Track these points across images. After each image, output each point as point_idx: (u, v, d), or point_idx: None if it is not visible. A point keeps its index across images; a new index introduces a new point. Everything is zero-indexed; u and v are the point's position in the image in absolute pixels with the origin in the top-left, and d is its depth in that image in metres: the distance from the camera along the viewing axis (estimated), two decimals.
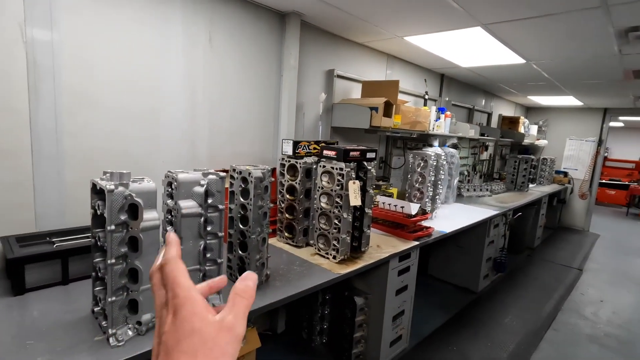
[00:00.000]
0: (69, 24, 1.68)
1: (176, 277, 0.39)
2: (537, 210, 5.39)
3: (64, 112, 1.72)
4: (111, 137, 1.90)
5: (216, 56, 2.30)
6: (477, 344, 2.98)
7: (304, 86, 2.88)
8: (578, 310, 3.71)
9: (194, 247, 1.33)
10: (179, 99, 2.16)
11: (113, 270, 1.11)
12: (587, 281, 4.53)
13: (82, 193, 1.79)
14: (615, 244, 6.43)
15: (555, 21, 2.38)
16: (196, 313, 0.37)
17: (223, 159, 2.43)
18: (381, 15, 2.52)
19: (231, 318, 0.39)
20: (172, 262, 0.41)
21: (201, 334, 0.36)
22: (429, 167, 3.15)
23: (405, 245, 2.44)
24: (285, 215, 2.25)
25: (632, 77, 3.86)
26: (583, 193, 7.08)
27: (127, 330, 1.16)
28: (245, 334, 1.41)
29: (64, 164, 1.75)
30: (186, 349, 0.36)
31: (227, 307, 0.40)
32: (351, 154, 2.01)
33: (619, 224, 8.41)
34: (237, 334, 0.39)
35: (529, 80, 4.51)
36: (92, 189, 1.18)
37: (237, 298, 0.41)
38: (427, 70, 4.28)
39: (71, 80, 1.72)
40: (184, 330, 0.36)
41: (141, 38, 1.94)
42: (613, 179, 10.42)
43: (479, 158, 5.81)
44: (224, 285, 0.48)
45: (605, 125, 6.79)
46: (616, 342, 3.16)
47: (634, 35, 2.52)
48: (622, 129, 11.15)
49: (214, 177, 1.34)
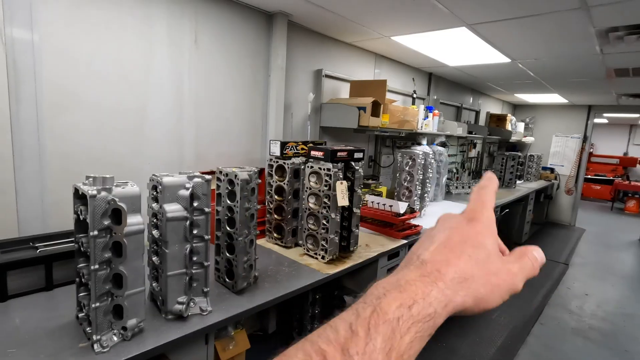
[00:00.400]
0: (49, 24, 1.65)
1: (486, 202, 0.42)
2: (524, 206, 5.48)
3: (46, 112, 1.69)
4: (95, 138, 1.87)
5: (202, 56, 2.28)
6: (466, 339, 3.02)
7: (292, 86, 2.88)
8: (564, 305, 3.79)
9: (179, 251, 1.32)
10: (165, 99, 2.14)
11: (97, 276, 1.10)
12: (573, 275, 4.63)
13: (65, 195, 1.76)
14: (600, 238, 6.58)
15: (538, 22, 2.42)
16: (489, 235, 0.39)
17: (210, 159, 2.42)
18: (368, 15, 2.53)
19: (516, 268, 0.38)
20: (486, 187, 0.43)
21: (488, 254, 0.37)
22: (417, 166, 3.17)
23: (394, 243, 2.46)
24: (273, 216, 2.25)
25: (614, 76, 3.94)
26: (569, 189, 7.22)
27: (112, 336, 1.15)
28: (234, 336, 1.38)
29: (47, 165, 1.72)
30: (470, 254, 0.36)
31: (514, 257, 0.39)
32: (338, 154, 2.01)
33: (604, 218, 8.60)
34: (514, 283, 0.37)
35: (515, 78, 4.58)
36: (75, 194, 1.17)
37: (527, 261, 0.39)
38: (415, 69, 4.30)
39: (53, 80, 1.69)
40: (477, 240, 0.38)
41: (125, 38, 1.91)
42: (598, 175, 10.64)
43: (467, 156, 5.87)
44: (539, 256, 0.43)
45: (590, 121, 6.93)
46: (599, 334, 3.24)
47: (614, 36, 2.58)
48: (606, 126, 11.39)
49: (199, 180, 1.34)
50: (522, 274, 0.38)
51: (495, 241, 0.39)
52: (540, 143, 7.42)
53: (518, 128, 6.74)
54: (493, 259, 0.37)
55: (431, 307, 0.32)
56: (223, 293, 1.60)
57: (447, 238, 0.38)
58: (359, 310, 0.33)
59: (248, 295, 1.59)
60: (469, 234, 0.38)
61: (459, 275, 0.34)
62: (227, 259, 1.62)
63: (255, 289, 1.66)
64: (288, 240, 2.23)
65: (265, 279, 1.77)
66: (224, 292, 1.61)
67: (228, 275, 1.63)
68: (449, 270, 0.34)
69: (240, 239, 1.56)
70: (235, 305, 1.49)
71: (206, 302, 1.41)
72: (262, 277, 1.79)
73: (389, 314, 0.31)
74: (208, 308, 1.40)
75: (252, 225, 1.64)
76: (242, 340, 1.86)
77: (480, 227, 0.39)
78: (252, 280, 1.68)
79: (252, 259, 1.67)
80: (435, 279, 0.34)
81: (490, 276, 0.36)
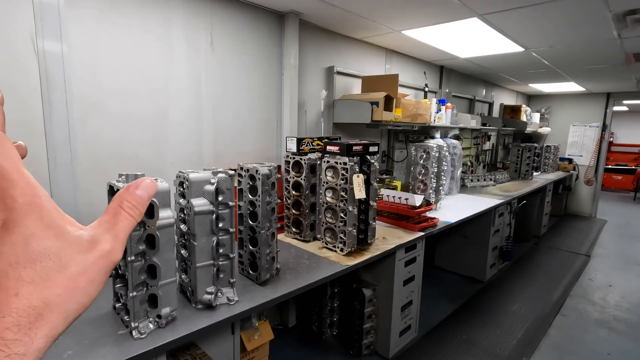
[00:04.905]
0: (77, 35, 1.74)
1: (7, 171, 0.25)
2: (542, 198, 5.40)
3: (76, 120, 1.78)
4: (120, 143, 1.96)
5: (218, 58, 2.35)
6: (486, 331, 3.02)
7: (304, 84, 2.93)
8: (586, 296, 3.73)
9: (207, 244, 1.39)
10: (184, 102, 2.22)
11: (133, 267, 1.17)
12: (595, 267, 4.54)
13: (95, 198, 1.86)
14: (623, 229, 6.41)
15: (551, 8, 2.40)
16: (49, 226, 0.26)
17: (228, 158, 2.50)
18: (378, 10, 2.56)
19: (109, 240, 0.29)
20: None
21: (58, 257, 0.26)
22: (432, 159, 3.18)
23: (411, 236, 2.48)
24: (292, 211, 2.31)
25: (633, 61, 3.85)
26: (589, 179, 7.06)
27: (148, 324, 1.22)
28: (258, 327, 1.44)
29: (78, 170, 1.82)
30: (31, 277, 0.25)
31: (104, 221, 0.30)
32: (354, 148, 2.05)
33: (626, 209, 8.36)
34: (113, 261, 0.29)
35: (529, 68, 4.51)
36: (109, 191, 1.24)
37: (121, 213, 0.30)
38: (426, 62, 4.30)
39: (81, 89, 1.79)
40: (29, 252, 0.25)
41: (145, 44, 2.00)
42: (619, 164, 10.34)
43: (481, 148, 5.82)
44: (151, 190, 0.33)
45: (609, 110, 6.76)
46: (625, 325, 3.19)
47: (632, 19, 2.54)
48: (627, 113, 11.04)
49: (223, 176, 1.40)
50: (121, 238, 0.30)
51: (60, 227, 0.27)
52: (557, 133, 7.27)
53: (533, 119, 6.63)
54: (68, 256, 0.27)
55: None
56: (247, 285, 1.66)
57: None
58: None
59: (271, 287, 1.65)
60: (13, 249, 0.25)
61: (26, 319, 0.24)
62: (250, 252, 1.68)
63: (278, 280, 1.72)
64: (307, 235, 2.29)
65: (286, 271, 1.83)
66: (248, 283, 1.68)
67: (252, 267, 1.69)
68: (4, 322, 0.24)
69: (263, 231, 1.62)
70: (260, 295, 1.56)
71: (233, 292, 1.47)
72: (284, 269, 1.84)
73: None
74: (235, 298, 1.46)
75: (273, 219, 1.70)
76: (266, 331, 1.92)
77: (24, 227, 0.25)
78: (274, 272, 1.74)
79: (274, 251, 1.73)
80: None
81: (76, 281, 0.27)
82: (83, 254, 0.27)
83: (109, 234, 0.29)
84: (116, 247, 0.29)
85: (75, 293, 0.27)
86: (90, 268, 0.27)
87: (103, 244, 0.28)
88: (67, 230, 0.27)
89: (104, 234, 0.29)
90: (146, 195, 0.31)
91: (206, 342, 1.48)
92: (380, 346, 2.57)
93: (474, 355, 2.69)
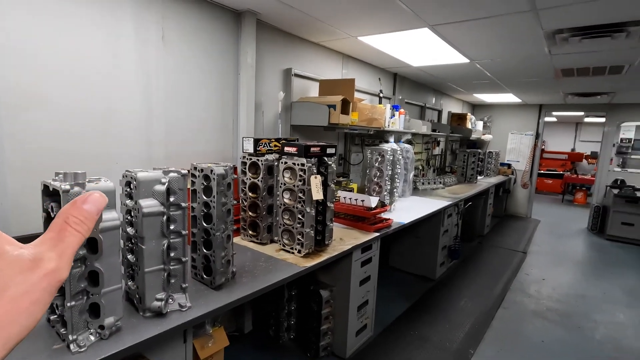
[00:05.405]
0: (7, 18, 1.57)
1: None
2: (485, 200, 5.79)
3: (3, 113, 1.60)
4: (58, 138, 1.79)
5: (170, 54, 2.24)
6: (437, 327, 3.16)
7: (262, 85, 2.89)
8: (523, 290, 4.05)
9: (157, 247, 1.30)
10: (132, 97, 2.08)
11: (71, 274, 1.07)
12: (530, 263, 4.95)
13: (27, 199, 1.68)
14: (553, 228, 7.08)
15: (492, 23, 2.60)
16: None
17: (181, 159, 2.38)
18: (335, 15, 2.60)
19: (54, 258, 0.27)
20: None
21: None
22: (386, 162, 3.29)
23: (367, 237, 2.53)
24: (248, 214, 2.25)
25: (561, 75, 4.29)
26: (525, 183, 7.72)
27: (88, 336, 1.12)
28: (212, 334, 1.38)
29: (6, 169, 1.63)
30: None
31: (47, 238, 0.28)
32: (312, 149, 2.06)
33: (556, 209, 9.25)
34: (59, 280, 0.28)
35: (474, 78, 4.85)
36: (44, 191, 1.12)
37: (67, 229, 0.29)
38: (381, 69, 4.45)
39: (11, 77, 1.61)
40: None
41: (89, 33, 1.85)
42: (550, 169, 11.43)
43: (431, 153, 6.13)
44: (100, 204, 0.32)
45: (541, 120, 7.46)
46: (556, 315, 3.50)
47: (560, 37, 2.82)
48: (556, 124, 12.27)
49: (175, 175, 1.33)
50: (67, 255, 0.28)
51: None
52: (497, 140, 7.88)
53: (477, 126, 7.12)
54: (7, 277, 0.26)
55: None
56: (201, 290, 1.59)
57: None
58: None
59: (227, 291, 1.59)
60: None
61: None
62: (204, 255, 1.61)
63: (234, 284, 1.66)
64: (264, 237, 2.24)
65: (242, 274, 1.78)
66: (202, 288, 1.60)
67: (206, 271, 1.62)
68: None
69: (218, 234, 1.56)
70: (215, 300, 1.49)
71: (185, 298, 1.40)
72: (240, 273, 1.79)
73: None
74: (187, 304, 1.39)
75: (228, 221, 1.64)
76: (221, 338, 1.85)
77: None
78: (230, 275, 1.68)
79: (230, 254, 1.67)
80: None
81: (17, 303, 0.25)
82: (24, 274, 0.26)
83: (53, 251, 0.28)
84: (61, 265, 0.28)
85: (17, 316, 0.25)
86: (33, 288, 0.26)
87: (47, 263, 0.27)
88: (5, 250, 0.26)
89: (48, 252, 0.27)
90: (95, 209, 0.30)
91: (156, 352, 1.38)
92: (338, 347, 2.59)
93: (427, 350, 2.80)
